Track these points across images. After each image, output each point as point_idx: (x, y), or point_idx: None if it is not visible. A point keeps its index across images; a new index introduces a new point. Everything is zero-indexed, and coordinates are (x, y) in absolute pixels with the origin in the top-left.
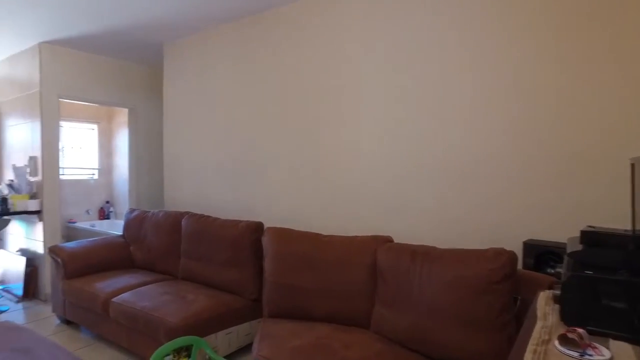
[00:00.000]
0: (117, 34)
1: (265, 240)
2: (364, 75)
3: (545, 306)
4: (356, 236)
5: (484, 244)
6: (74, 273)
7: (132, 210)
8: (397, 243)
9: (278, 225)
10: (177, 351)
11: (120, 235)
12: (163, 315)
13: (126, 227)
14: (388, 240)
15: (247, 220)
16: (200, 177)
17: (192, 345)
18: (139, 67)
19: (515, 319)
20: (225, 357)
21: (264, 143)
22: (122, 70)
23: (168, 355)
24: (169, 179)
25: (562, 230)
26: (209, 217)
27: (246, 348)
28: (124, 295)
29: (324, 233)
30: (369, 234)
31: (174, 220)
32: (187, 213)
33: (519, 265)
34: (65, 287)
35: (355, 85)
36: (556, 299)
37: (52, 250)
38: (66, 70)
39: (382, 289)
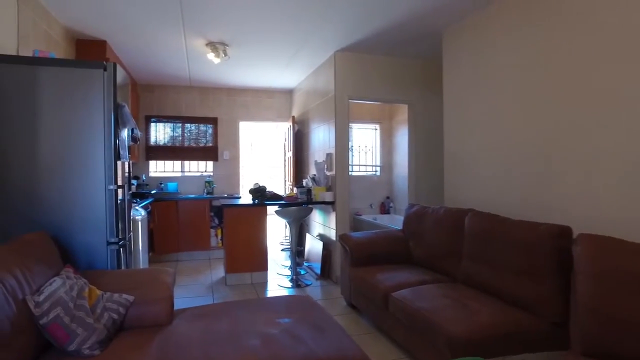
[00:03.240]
0: (395, 30)
1: (579, 251)
2: None
3: None
4: None
5: None
6: (358, 261)
7: (411, 206)
8: None
9: (591, 231)
10: None
11: (400, 230)
12: (442, 320)
13: (406, 221)
14: None
15: (548, 223)
16: (484, 173)
17: None
18: (415, 62)
19: None
20: None
21: (568, 134)
22: (400, 67)
23: None
24: (449, 174)
25: None
26: (497, 216)
27: None
28: (403, 292)
29: None
30: None
31: (456, 218)
32: (470, 210)
33: None
34: (351, 274)
35: None
36: None
37: (341, 238)
38: (354, 74)
39: None
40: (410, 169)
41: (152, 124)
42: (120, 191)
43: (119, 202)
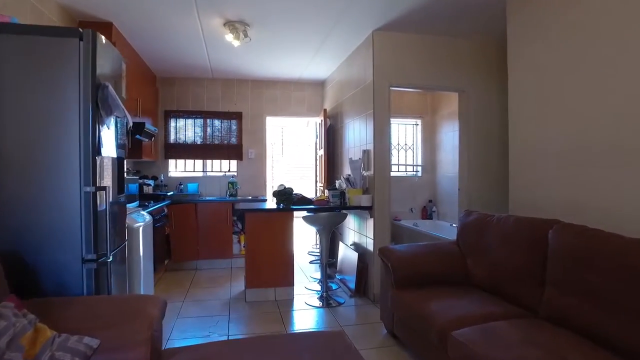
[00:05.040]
0: (446, 1)
1: None
2: None
3: None
4: None
5: None
6: (403, 282)
7: (468, 213)
8: None
9: None
10: None
11: (453, 242)
12: None
13: (461, 232)
14: None
15: None
16: (568, 171)
17: None
18: (469, 42)
19: None
20: None
21: None
22: (450, 48)
23: None
24: (517, 174)
25: None
26: (599, 231)
27: None
28: (468, 332)
29: None
30: None
31: (534, 231)
32: (555, 222)
33: None
34: (393, 298)
35: None
36: None
37: (381, 252)
38: (396, 57)
39: None
40: (461, 168)
41: (172, 120)
42: (105, 194)
43: (103, 207)
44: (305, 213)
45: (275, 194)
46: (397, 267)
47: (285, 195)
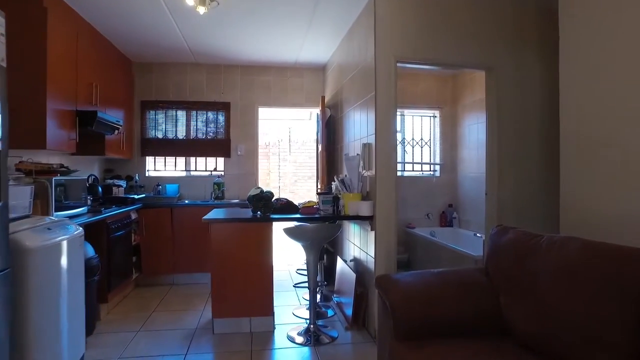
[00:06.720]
0: None
1: None
2: None
3: None
4: None
5: None
6: (407, 330)
7: (503, 230)
8: None
9: None
10: None
11: (481, 270)
12: None
13: (492, 257)
14: None
15: None
16: None
17: None
18: (500, 6)
19: None
20: None
21: None
22: (475, 14)
23: None
24: (570, 179)
25: None
26: None
27: None
28: None
29: None
30: None
31: (618, 266)
32: None
33: None
34: (393, 355)
35: None
36: None
37: (379, 284)
38: (404, 25)
39: None
40: (489, 167)
41: (150, 112)
42: None
43: None
44: (289, 224)
45: (250, 199)
46: (399, 309)
47: (262, 201)
